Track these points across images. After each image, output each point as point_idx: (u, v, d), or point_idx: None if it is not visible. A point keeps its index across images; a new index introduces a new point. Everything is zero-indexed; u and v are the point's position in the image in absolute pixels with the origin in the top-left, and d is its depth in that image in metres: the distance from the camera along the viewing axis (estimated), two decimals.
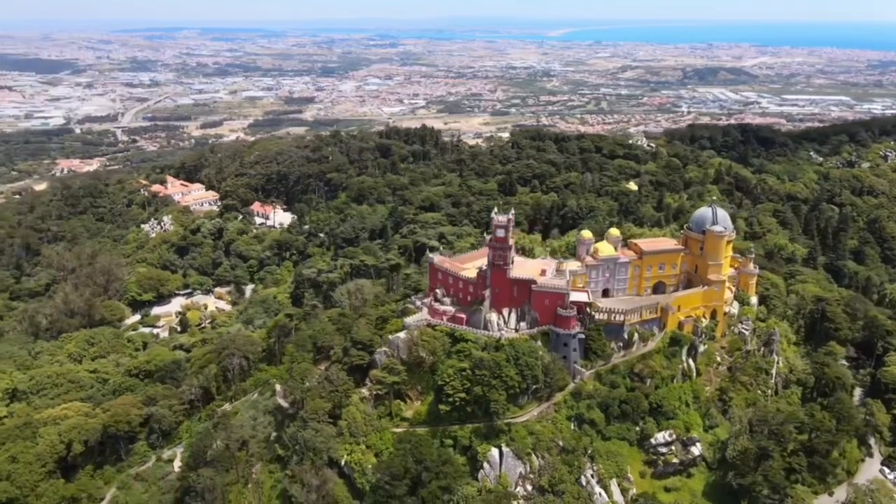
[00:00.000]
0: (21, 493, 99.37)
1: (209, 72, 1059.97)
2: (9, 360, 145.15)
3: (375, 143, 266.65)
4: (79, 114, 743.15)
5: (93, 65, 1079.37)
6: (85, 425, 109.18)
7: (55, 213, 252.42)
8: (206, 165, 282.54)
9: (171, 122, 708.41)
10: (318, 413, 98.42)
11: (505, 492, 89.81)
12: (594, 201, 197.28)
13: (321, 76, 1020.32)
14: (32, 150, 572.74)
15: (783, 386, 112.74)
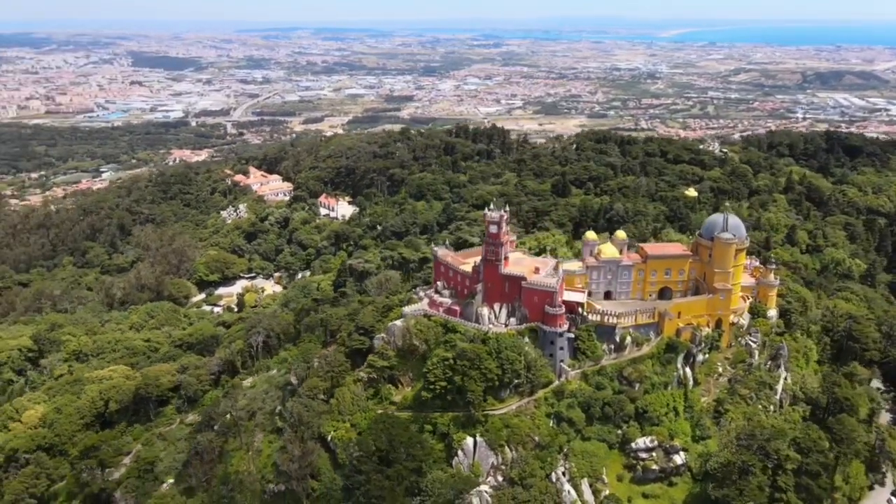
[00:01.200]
0: (59, 440, 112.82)
1: (317, 70, 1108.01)
2: (82, 325, 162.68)
3: (441, 140, 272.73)
4: (196, 108, 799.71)
5: (214, 62, 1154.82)
6: (122, 386, 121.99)
7: (149, 197, 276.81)
8: (285, 158, 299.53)
9: (277, 118, 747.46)
10: (313, 390, 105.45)
11: (469, 478, 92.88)
12: (644, 206, 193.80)
13: (422, 75, 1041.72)
14: (152, 140, 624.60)
15: (790, 403, 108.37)
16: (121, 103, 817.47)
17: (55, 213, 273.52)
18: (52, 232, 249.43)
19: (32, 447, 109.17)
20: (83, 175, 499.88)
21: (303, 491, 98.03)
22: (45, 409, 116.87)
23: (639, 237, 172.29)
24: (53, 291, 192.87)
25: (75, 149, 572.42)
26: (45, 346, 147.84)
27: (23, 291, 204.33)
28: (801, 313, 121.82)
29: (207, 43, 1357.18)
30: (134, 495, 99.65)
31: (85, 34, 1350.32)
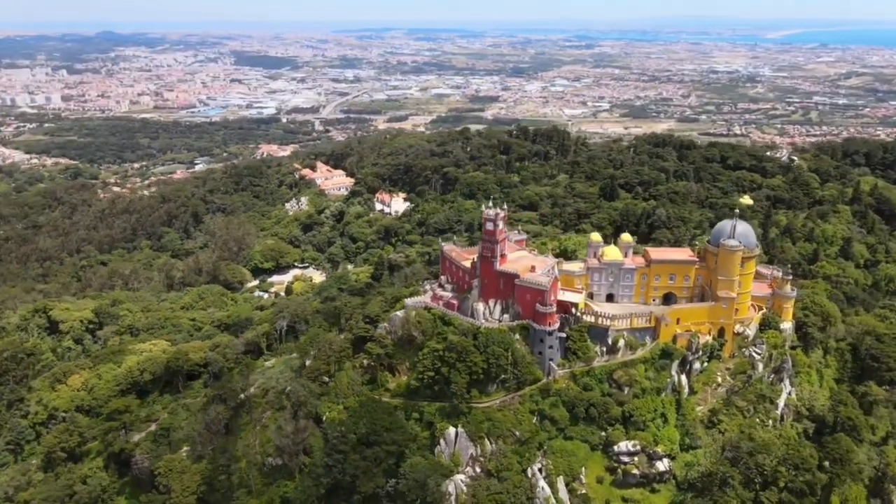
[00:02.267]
0: (95, 403, 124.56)
1: (407, 69, 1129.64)
2: (139, 303, 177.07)
3: (499, 141, 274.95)
4: (288, 105, 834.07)
5: (309, 62, 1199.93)
6: (157, 358, 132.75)
7: (222, 188, 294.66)
8: (350, 154, 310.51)
9: (363, 116, 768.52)
10: (314, 372, 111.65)
11: (447, 466, 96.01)
12: (690, 212, 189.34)
13: (510, 76, 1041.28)
14: (244, 135, 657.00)
15: (793, 419, 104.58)
16: (220, 100, 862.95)
17: (138, 199, 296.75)
18: (134, 217, 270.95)
19: (71, 407, 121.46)
20: (179, 166, 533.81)
21: (295, 466, 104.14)
22: (87, 375, 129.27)
23: (673, 242, 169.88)
24: (124, 271, 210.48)
25: (174, 142, 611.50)
26: (105, 320, 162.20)
27: (100, 270, 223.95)
28: (822, 328, 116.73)
29: (305, 43, 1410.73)
30: (148, 457, 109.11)
31: (195, 34, 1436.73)
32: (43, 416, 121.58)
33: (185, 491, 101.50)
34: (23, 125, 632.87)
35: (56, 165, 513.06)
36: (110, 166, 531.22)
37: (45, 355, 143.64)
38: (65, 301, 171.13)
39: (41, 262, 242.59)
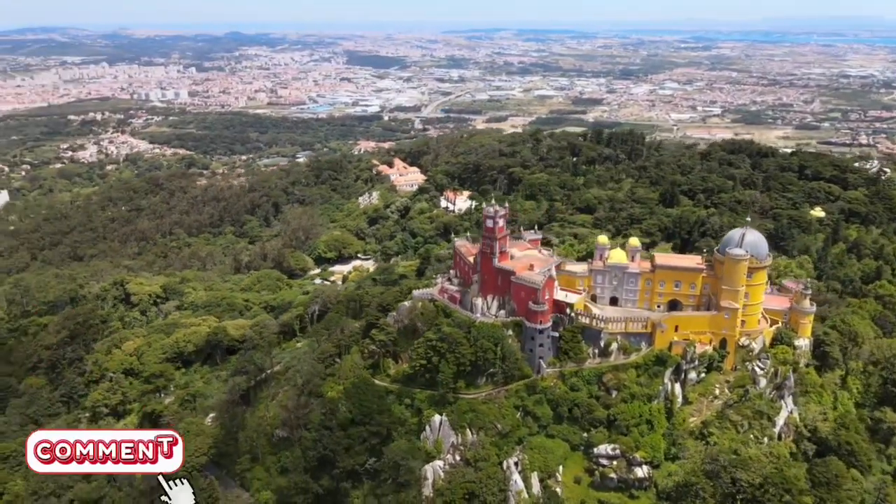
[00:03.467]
0: (144, 368, 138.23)
1: (512, 70, 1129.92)
2: (205, 282, 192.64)
3: (569, 143, 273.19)
4: (392, 103, 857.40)
5: (417, 62, 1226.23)
6: (200, 332, 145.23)
7: (303, 180, 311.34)
8: (426, 152, 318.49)
9: (463, 115, 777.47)
10: (323, 354, 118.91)
11: (428, 451, 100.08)
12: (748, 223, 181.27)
13: (618, 78, 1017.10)
14: (345, 131, 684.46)
15: (793, 439, 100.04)
16: (329, 97, 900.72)
17: (227, 188, 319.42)
18: (222, 205, 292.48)
19: (119, 369, 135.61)
20: (282, 159, 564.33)
21: (297, 438, 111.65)
22: (140, 343, 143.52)
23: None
24: (202, 253, 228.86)
25: (281, 136, 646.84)
26: (171, 295, 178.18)
27: (184, 251, 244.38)
28: (846, 349, 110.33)
29: (415, 43, 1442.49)
30: (173, 418, 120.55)
31: (313, 35, 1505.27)
32: (96, 376, 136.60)
33: (197, 451, 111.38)
34: (151, 118, 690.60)
35: (174, 155, 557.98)
36: (221, 157, 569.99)
37: (114, 324, 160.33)
38: (141, 276, 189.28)
39: (138, 242, 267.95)
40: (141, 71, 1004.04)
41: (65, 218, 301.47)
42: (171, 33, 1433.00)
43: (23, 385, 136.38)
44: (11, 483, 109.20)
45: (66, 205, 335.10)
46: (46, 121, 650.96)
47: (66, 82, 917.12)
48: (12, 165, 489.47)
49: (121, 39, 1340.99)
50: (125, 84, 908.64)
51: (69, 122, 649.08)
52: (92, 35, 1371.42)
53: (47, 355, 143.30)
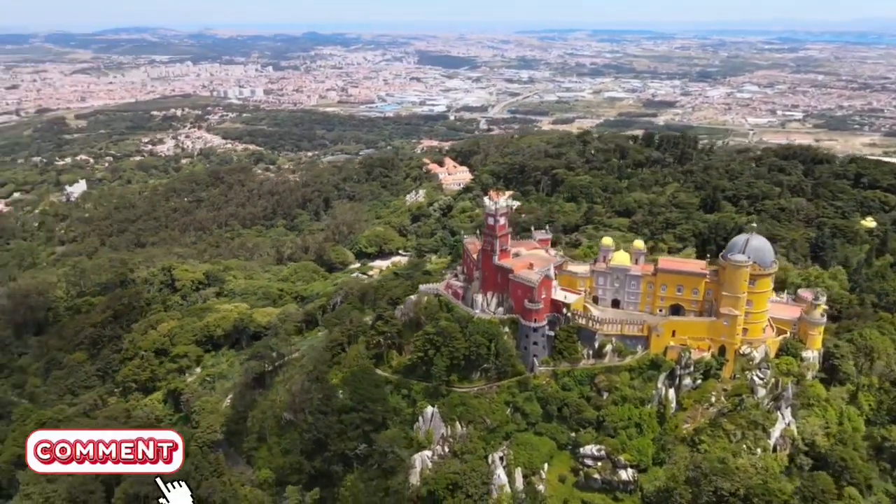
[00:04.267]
0: (174, 349, 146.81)
1: (584, 71, 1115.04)
2: (246, 271, 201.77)
3: (616, 145, 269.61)
4: (459, 103, 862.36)
5: (487, 62, 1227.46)
6: (228, 317, 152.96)
7: (355, 177, 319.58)
8: (477, 152, 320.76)
9: (529, 116, 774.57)
10: (332, 342, 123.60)
11: (412, 438, 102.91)
12: (791, 231, 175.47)
13: (694, 80, 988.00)
14: (409, 130, 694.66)
15: (789, 452, 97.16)
16: (397, 96, 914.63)
17: (282, 182, 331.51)
18: (275, 198, 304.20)
19: (151, 348, 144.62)
20: (344, 157, 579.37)
21: (301, 422, 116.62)
22: (174, 325, 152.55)
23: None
24: (249, 244, 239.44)
25: (347, 134, 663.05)
26: (212, 282, 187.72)
27: (235, 241, 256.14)
28: (859, 364, 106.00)
29: (486, 43, 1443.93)
30: (192, 396, 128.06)
31: (387, 35, 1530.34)
32: (130, 353, 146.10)
33: (209, 429, 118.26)
34: (226, 114, 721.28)
35: (245, 150, 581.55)
36: (288, 154, 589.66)
37: (156, 306, 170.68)
38: (188, 263, 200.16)
39: (196, 232, 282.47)
40: (222, 69, 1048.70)
41: (132, 207, 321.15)
42: (252, 33, 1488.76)
43: (66, 359, 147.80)
44: None
45: (135, 195, 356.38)
46: (132, 116, 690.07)
47: (154, 80, 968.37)
48: (97, 157, 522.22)
49: (206, 39, 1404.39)
50: (206, 82, 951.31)
51: (152, 117, 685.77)
52: (179, 35, 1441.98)
53: (90, 332, 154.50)
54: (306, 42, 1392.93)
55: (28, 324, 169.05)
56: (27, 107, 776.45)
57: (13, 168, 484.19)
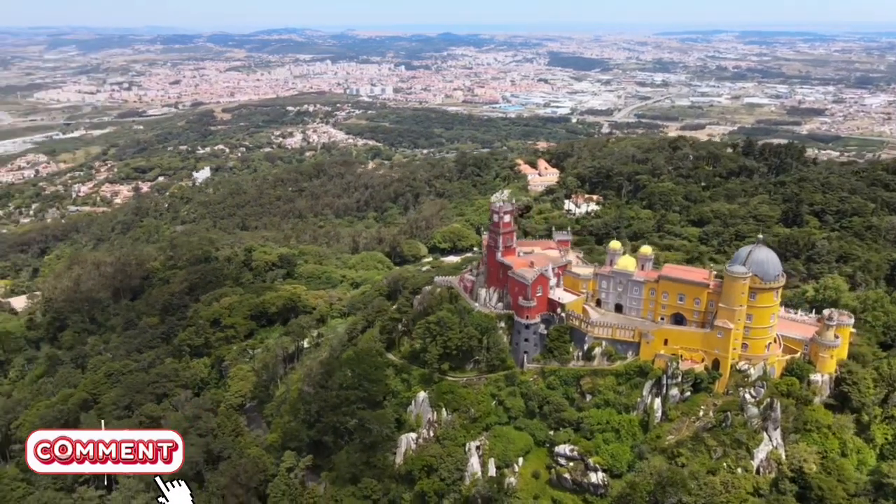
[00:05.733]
0: (231, 321, 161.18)
1: (725, 76, 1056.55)
2: (318, 257, 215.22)
3: (708, 153, 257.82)
4: (584, 106, 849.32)
5: (621, 64, 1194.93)
6: (282, 296, 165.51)
7: (447, 174, 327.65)
8: (570, 155, 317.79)
9: (656, 121, 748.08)
10: (352, 326, 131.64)
11: (400, 420, 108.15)
12: (865, 251, 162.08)
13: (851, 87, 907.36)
14: (528, 132, 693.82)
15: (775, 476, 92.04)
16: (522, 97, 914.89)
17: (379, 176, 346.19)
18: (369, 191, 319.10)
19: (209, 318, 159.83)
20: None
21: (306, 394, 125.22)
22: (234, 299, 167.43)
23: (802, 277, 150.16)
24: (332, 232, 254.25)
25: (464, 133, 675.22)
26: (284, 264, 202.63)
27: (324, 229, 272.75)
28: (858, 387, 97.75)
29: (622, 45, 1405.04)
30: (230, 364, 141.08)
31: (520, 36, 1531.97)
32: (192, 321, 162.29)
33: (236, 393, 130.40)
34: (353, 111, 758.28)
35: (364, 146, 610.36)
36: (404, 150, 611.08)
37: (229, 282, 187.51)
38: (268, 245, 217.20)
39: (293, 219, 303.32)
40: (357, 68, 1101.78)
41: (243, 193, 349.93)
42: (390, 34, 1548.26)
43: (142, 321, 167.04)
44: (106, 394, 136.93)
45: (248, 182, 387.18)
46: (269, 110, 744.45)
47: (295, 77, 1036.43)
48: (233, 147, 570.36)
49: (347, 40, 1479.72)
50: (342, 80, 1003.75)
51: (287, 112, 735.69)
52: (323, 36, 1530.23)
53: (165, 300, 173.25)
54: (441, 42, 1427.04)
55: (125, 289, 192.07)
56: (185, 100, 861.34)
57: (162, 155, 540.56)
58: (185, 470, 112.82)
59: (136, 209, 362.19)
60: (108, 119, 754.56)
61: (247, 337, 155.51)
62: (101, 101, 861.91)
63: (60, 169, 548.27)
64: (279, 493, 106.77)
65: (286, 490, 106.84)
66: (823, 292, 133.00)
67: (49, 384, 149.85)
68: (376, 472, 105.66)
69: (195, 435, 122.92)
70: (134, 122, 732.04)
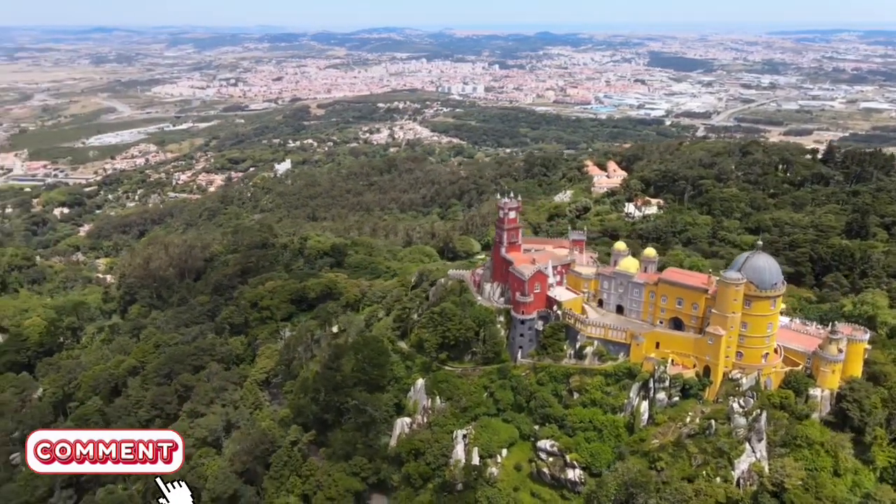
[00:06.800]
0: (269, 303, 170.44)
1: (842, 78, 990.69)
2: (369, 248, 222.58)
3: (781, 158, 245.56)
4: (681, 108, 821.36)
5: (726, 65, 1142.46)
6: (321, 283, 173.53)
7: (514, 174, 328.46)
8: (641, 157, 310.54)
9: (757, 126, 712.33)
10: (374, 310, 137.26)
11: (405, 408, 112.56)
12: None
13: None
14: (615, 134, 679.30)
15: (756, 489, 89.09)
16: (616, 98, 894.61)
17: (447, 173, 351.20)
18: (435, 188, 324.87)
19: (251, 299, 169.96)
20: None
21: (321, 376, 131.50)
22: (277, 283, 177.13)
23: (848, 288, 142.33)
24: (390, 226, 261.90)
25: (549, 133, 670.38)
26: (334, 254, 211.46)
27: (385, 221, 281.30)
28: (857, 404, 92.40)
29: (729, 45, 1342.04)
30: (262, 342, 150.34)
31: (620, 35, 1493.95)
32: (236, 302, 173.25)
33: (261, 370, 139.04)
34: (441, 109, 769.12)
35: (448, 143, 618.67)
36: (487, 149, 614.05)
37: (279, 267, 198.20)
38: (323, 235, 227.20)
39: (360, 212, 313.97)
40: (451, 67, 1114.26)
41: (317, 185, 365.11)
42: (487, 33, 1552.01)
43: (194, 299, 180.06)
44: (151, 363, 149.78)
45: (322, 175, 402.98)
46: (361, 107, 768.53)
47: (391, 75, 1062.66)
48: (321, 142, 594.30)
49: (443, 38, 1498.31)
50: (435, 78, 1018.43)
51: (377, 109, 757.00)
52: (421, 35, 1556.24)
53: (216, 281, 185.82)
54: (537, 42, 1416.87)
55: (190, 270, 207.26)
56: (284, 96, 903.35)
57: (255, 147, 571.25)
58: (206, 435, 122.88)
59: (221, 197, 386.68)
60: (213, 113, 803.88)
61: (285, 320, 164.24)
62: (210, 95, 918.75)
63: (167, 158, 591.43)
64: (281, 463, 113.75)
65: (287, 461, 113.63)
66: (860, 307, 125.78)
67: (108, 350, 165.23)
68: (369, 452, 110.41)
69: (219, 405, 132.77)
70: (236, 115, 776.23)
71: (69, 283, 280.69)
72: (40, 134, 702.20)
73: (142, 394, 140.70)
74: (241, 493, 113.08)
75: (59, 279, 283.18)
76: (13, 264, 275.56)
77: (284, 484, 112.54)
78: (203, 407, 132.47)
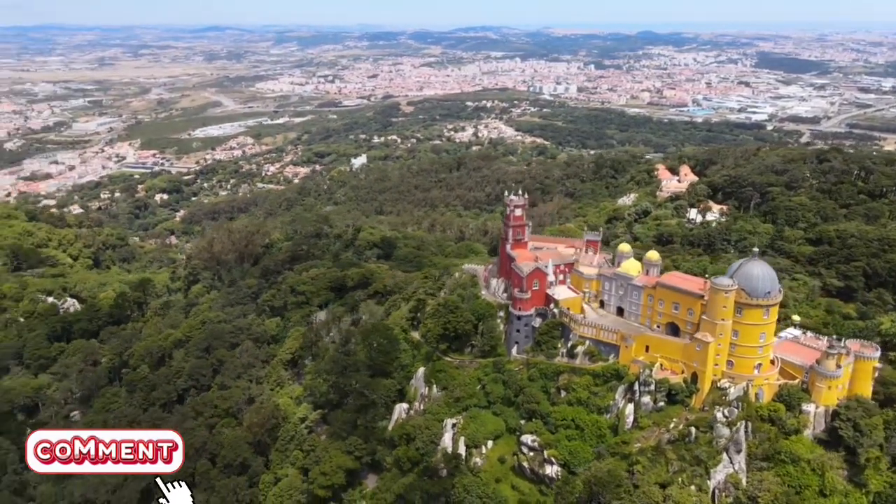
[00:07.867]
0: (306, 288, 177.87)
1: None
2: (419, 243, 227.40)
3: (861, 167, 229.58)
4: (786, 113, 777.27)
5: (843, 67, 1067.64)
6: (360, 272, 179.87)
7: (581, 175, 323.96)
8: (715, 162, 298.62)
9: (871, 132, 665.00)
10: (390, 304, 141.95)
11: (406, 394, 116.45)
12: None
13: None
14: (709, 138, 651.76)
15: (732, 501, 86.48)
16: (715, 101, 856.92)
17: (512, 172, 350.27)
18: (500, 186, 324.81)
19: (292, 284, 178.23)
20: None
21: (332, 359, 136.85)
22: (320, 271, 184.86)
23: None
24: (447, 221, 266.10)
25: (637, 136, 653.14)
26: (384, 246, 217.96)
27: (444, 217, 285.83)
28: (862, 433, 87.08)
29: (850, 45, 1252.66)
30: (292, 325, 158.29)
31: (727, 35, 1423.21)
32: (279, 287, 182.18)
33: (287, 350, 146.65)
34: (529, 108, 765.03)
35: (531, 143, 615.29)
36: (571, 150, 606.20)
37: (328, 256, 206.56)
38: (377, 228, 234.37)
39: (424, 208, 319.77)
40: (546, 66, 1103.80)
41: (387, 180, 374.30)
42: (585, 32, 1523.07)
43: (242, 282, 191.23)
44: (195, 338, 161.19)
45: (394, 171, 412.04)
46: (450, 105, 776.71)
47: (483, 74, 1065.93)
48: (404, 138, 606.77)
49: (541, 38, 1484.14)
50: (528, 77, 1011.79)
51: (465, 107, 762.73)
52: (518, 33, 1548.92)
53: (265, 266, 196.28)
54: (638, 41, 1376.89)
55: (249, 255, 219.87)
56: (377, 93, 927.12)
57: (342, 142, 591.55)
58: (230, 406, 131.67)
59: (300, 189, 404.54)
60: (309, 108, 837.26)
61: (322, 306, 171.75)
62: (308, 91, 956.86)
63: (261, 150, 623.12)
64: (287, 436, 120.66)
65: (293, 435, 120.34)
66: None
67: (161, 324, 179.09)
68: (365, 433, 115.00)
69: (245, 380, 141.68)
70: (330, 111, 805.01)
71: (155, 262, 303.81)
72: (153, 125, 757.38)
73: (182, 364, 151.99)
74: (249, 462, 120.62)
75: (147, 259, 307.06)
76: (108, 243, 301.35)
77: (288, 457, 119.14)
78: (230, 381, 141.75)
